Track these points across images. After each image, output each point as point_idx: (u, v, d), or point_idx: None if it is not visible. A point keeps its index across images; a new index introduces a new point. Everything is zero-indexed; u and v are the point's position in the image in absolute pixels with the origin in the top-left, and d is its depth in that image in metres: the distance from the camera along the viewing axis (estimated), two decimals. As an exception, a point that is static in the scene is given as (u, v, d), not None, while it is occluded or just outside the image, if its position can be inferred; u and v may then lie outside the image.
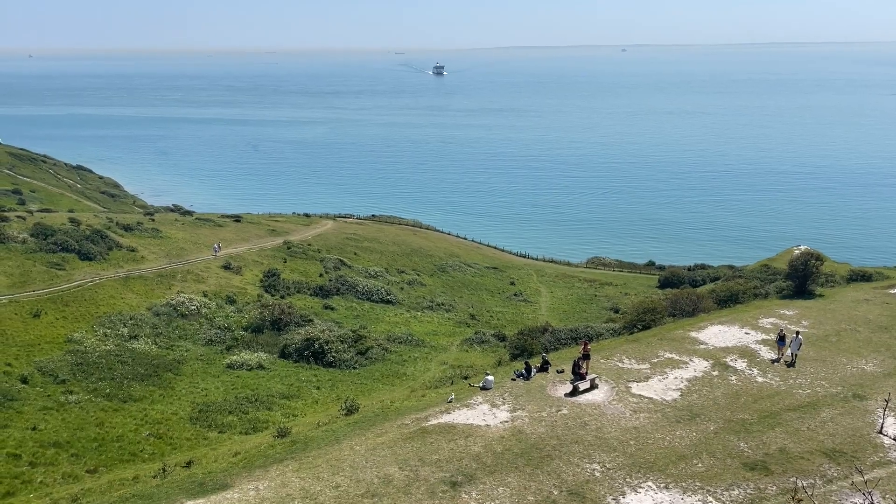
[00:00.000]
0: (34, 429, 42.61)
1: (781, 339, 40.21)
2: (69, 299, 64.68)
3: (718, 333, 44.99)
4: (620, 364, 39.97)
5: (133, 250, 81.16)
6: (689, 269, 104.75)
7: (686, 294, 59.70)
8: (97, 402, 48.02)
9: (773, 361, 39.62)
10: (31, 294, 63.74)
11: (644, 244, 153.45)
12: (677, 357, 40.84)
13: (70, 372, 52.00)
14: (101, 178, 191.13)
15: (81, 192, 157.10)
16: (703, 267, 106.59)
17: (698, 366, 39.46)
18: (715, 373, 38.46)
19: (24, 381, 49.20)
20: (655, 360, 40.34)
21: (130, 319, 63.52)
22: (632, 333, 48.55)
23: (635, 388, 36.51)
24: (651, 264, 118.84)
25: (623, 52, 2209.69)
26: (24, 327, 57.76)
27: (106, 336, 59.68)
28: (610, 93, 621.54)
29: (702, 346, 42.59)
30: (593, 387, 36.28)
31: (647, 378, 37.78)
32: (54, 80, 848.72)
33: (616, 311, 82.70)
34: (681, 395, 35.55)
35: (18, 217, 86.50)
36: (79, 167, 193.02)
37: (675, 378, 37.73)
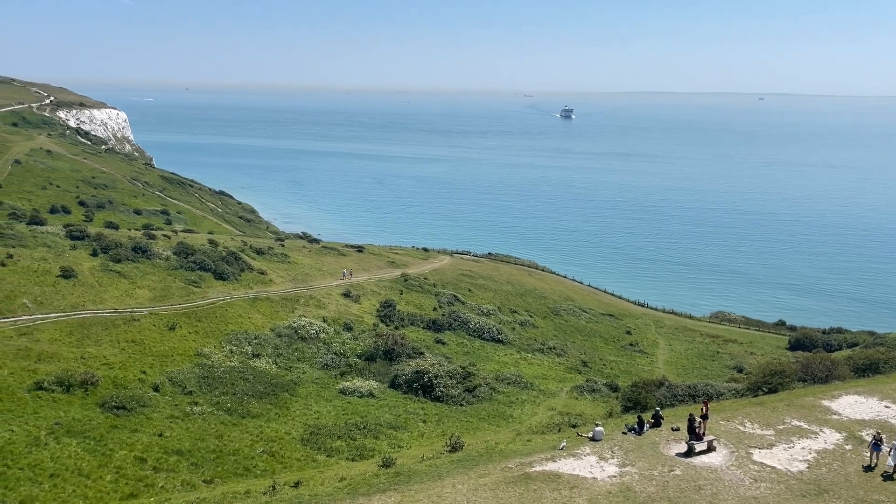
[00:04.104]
0: (160, 435, 45.38)
1: (877, 444, 33.32)
2: (202, 315, 68.92)
3: (854, 404, 41.45)
4: (742, 428, 37.61)
5: (263, 273, 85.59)
6: (823, 332, 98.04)
7: (819, 359, 55.76)
8: (218, 416, 50.58)
9: (865, 469, 32.98)
10: (168, 308, 68.49)
11: (774, 302, 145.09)
12: (806, 426, 37.94)
13: (197, 384, 55.17)
14: (239, 203, 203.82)
15: (221, 215, 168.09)
16: (839, 331, 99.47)
17: (829, 437, 36.45)
18: (848, 447, 35.38)
19: (156, 389, 52.68)
20: (781, 427, 37.66)
21: (255, 339, 66.75)
22: (756, 396, 45.69)
23: (757, 454, 34.18)
24: (781, 324, 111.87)
25: (761, 101, 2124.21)
26: (161, 339, 62.01)
27: (231, 353, 62.98)
28: (745, 142, 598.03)
29: (834, 417, 39.36)
30: (710, 449, 34.30)
31: (770, 445, 35.29)
32: (206, 111, 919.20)
33: (740, 371, 78.41)
34: (808, 468, 32.91)
35: (164, 236, 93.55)
36: (221, 192, 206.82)
37: (803, 448, 35.02)
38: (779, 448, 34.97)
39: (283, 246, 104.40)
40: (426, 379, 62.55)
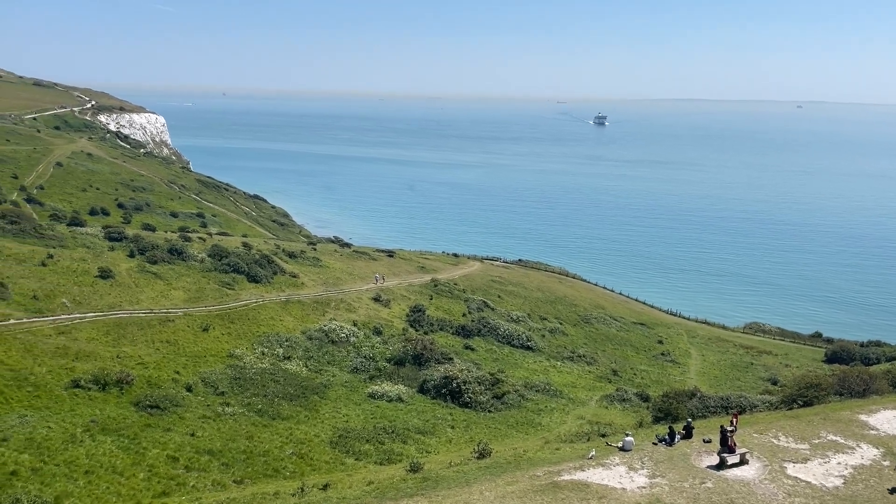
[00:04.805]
0: (192, 435, 46.02)
1: None
2: (235, 317, 69.82)
3: (892, 419, 40.42)
4: (776, 441, 36.94)
5: (295, 276, 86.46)
6: (861, 346, 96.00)
7: (857, 372, 54.44)
8: (249, 417, 51.15)
9: (891, 492, 31.24)
10: (202, 309, 69.50)
11: (809, 315, 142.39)
12: (842, 440, 37.12)
13: (229, 385, 55.88)
14: (273, 207, 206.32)
15: (255, 219, 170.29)
16: (878, 344, 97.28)
17: (867, 453, 35.60)
18: (886, 463, 34.51)
19: (189, 389, 53.46)
20: (816, 441, 36.91)
21: (286, 341, 67.40)
22: (790, 409, 44.82)
23: (791, 469, 33.53)
24: (817, 336, 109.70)
25: (799, 109, 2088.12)
26: (194, 339, 62.95)
27: (263, 355, 63.68)
28: (782, 150, 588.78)
29: (872, 432, 38.44)
30: (743, 462, 33.73)
31: (805, 460, 34.60)
32: (242, 116, 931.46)
33: (774, 383, 77.10)
34: (844, 484, 32.17)
35: (199, 238, 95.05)
36: (255, 196, 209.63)
37: (839, 463, 34.26)
38: (814, 462, 34.28)
39: (315, 250, 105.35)
40: (455, 385, 62.53)
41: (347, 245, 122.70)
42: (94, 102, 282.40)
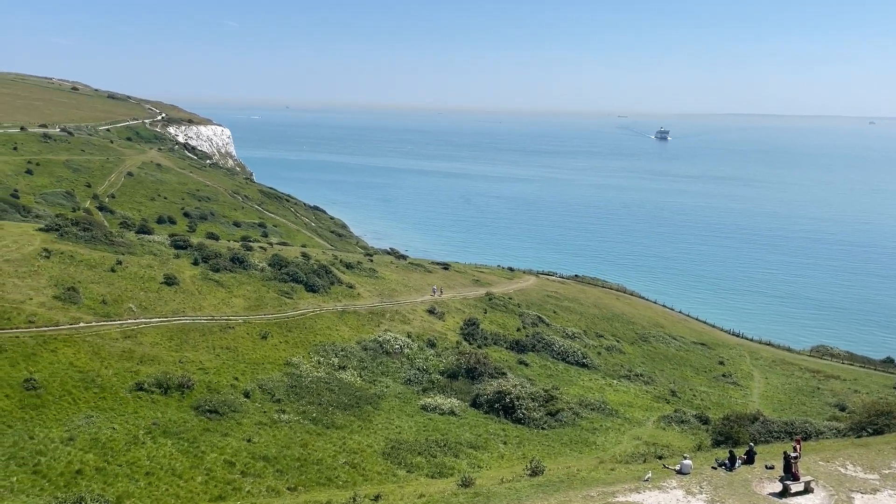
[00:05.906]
0: (249, 441, 46.87)
1: None
2: (293, 325, 71.01)
3: (972, 453, 38.24)
4: (843, 470, 35.37)
5: (351, 287, 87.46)
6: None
7: (932, 401, 51.76)
8: (304, 425, 51.82)
9: None
10: (262, 317, 70.95)
11: (879, 340, 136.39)
12: (916, 473, 35.28)
13: (285, 393, 56.76)
14: (332, 218, 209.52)
15: (314, 229, 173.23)
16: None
17: (943, 487, 33.72)
18: (964, 499, 32.62)
19: (247, 395, 54.52)
20: (887, 472, 35.18)
21: (342, 351, 68.14)
22: (859, 437, 42.89)
23: (859, 499, 32.02)
24: (889, 361, 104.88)
25: (871, 125, 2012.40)
26: (253, 347, 64.25)
27: (319, 364, 64.51)
28: (853, 167, 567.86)
29: (949, 465, 36.42)
30: (808, 490, 32.39)
31: (874, 490, 33.00)
32: (304, 129, 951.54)
33: (842, 409, 74.03)
34: (917, 519, 30.54)
35: (261, 248, 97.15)
36: (315, 207, 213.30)
37: (912, 497, 32.56)
38: (884, 494, 32.67)
39: (371, 261, 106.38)
40: (508, 400, 62.06)
41: (403, 257, 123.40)
42: (164, 115, 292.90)
